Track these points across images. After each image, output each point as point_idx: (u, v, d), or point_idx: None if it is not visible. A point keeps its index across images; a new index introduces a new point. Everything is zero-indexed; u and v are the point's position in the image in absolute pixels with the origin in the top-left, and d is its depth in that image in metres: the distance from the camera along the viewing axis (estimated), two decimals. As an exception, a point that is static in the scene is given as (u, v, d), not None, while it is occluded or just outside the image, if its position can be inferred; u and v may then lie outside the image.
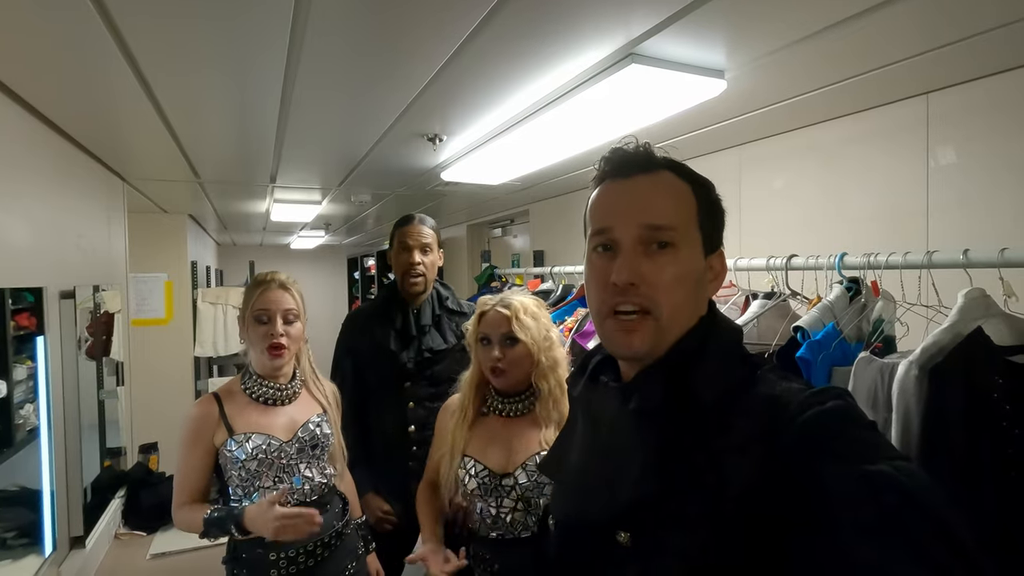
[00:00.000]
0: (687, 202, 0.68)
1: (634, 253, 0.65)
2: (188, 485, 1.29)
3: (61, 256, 1.78)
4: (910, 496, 0.47)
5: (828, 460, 0.50)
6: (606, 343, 0.70)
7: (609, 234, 0.67)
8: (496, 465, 1.26)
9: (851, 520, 0.47)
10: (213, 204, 3.48)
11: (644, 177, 0.68)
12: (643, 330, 0.65)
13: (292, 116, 1.65)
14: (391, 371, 1.77)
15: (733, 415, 0.59)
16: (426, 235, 1.82)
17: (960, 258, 1.08)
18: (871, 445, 0.52)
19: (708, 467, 0.57)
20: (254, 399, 1.36)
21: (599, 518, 0.64)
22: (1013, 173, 1.32)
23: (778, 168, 1.91)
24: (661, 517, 0.59)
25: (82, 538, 1.74)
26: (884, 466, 0.49)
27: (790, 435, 0.53)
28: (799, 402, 0.55)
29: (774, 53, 1.23)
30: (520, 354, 1.27)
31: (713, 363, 0.64)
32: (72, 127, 1.78)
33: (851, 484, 0.48)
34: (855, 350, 1.18)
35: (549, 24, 1.10)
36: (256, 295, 1.36)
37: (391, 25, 1.10)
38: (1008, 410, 0.95)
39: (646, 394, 0.65)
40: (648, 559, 0.59)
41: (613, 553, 0.62)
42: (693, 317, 0.67)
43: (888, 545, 0.45)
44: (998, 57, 1.27)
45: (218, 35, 1.13)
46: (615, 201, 0.69)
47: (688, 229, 0.67)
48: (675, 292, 0.65)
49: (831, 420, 0.53)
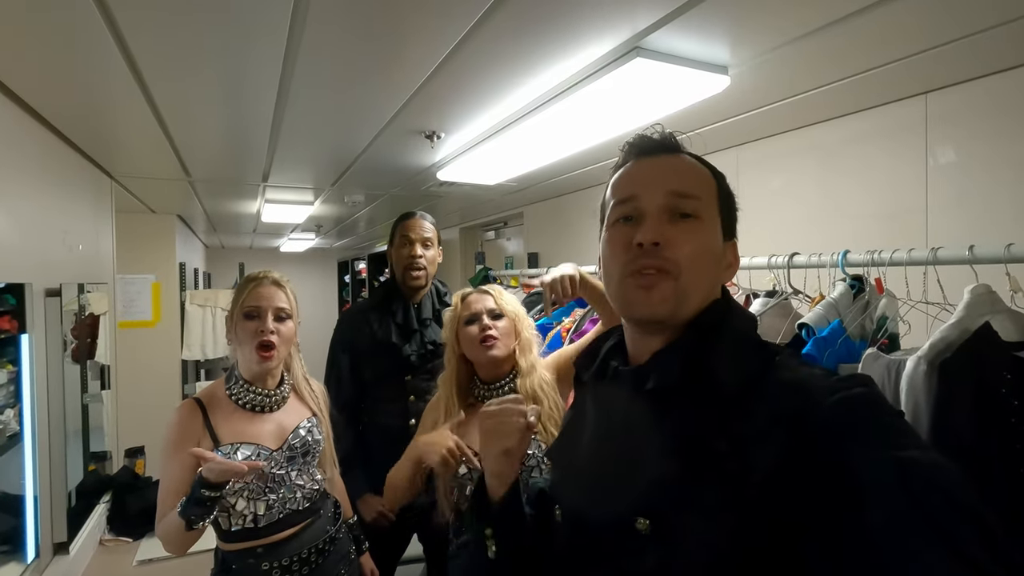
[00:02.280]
0: (709, 184, 0.70)
1: (659, 219, 0.65)
2: (172, 496, 1.18)
3: (46, 253, 1.73)
4: (940, 483, 0.47)
5: (858, 444, 0.50)
6: (623, 305, 0.68)
7: (635, 202, 0.67)
8: None
9: (880, 505, 0.46)
10: (203, 204, 3.42)
11: (669, 157, 0.70)
12: (663, 288, 0.64)
13: (288, 111, 1.62)
14: (392, 365, 1.75)
15: (754, 398, 0.58)
16: (427, 230, 1.82)
17: (966, 254, 1.08)
18: (900, 432, 0.51)
19: (730, 451, 0.56)
20: (240, 406, 1.28)
21: (616, 505, 0.62)
22: (1012, 171, 1.33)
23: (778, 168, 1.92)
24: (682, 503, 0.57)
25: (66, 544, 1.69)
26: (915, 452, 0.48)
27: (817, 419, 0.52)
28: (826, 387, 0.54)
29: (777, 49, 1.23)
30: (506, 327, 1.34)
31: (731, 345, 0.63)
32: (59, 120, 1.74)
33: (881, 469, 0.48)
34: (860, 347, 1.17)
35: (555, 17, 1.09)
36: (247, 291, 1.29)
37: (392, 16, 1.08)
38: (1016, 406, 0.94)
39: (663, 374, 0.63)
40: (668, 546, 0.57)
41: (630, 541, 0.60)
42: (710, 294, 0.67)
43: (917, 531, 0.45)
44: (998, 56, 1.27)
45: (216, 26, 1.11)
46: (640, 173, 0.70)
47: (710, 207, 0.68)
48: (696, 260, 0.64)
49: (860, 406, 0.52)
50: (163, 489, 1.21)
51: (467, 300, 1.38)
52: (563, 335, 1.99)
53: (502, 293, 1.40)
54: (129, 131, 1.85)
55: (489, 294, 1.38)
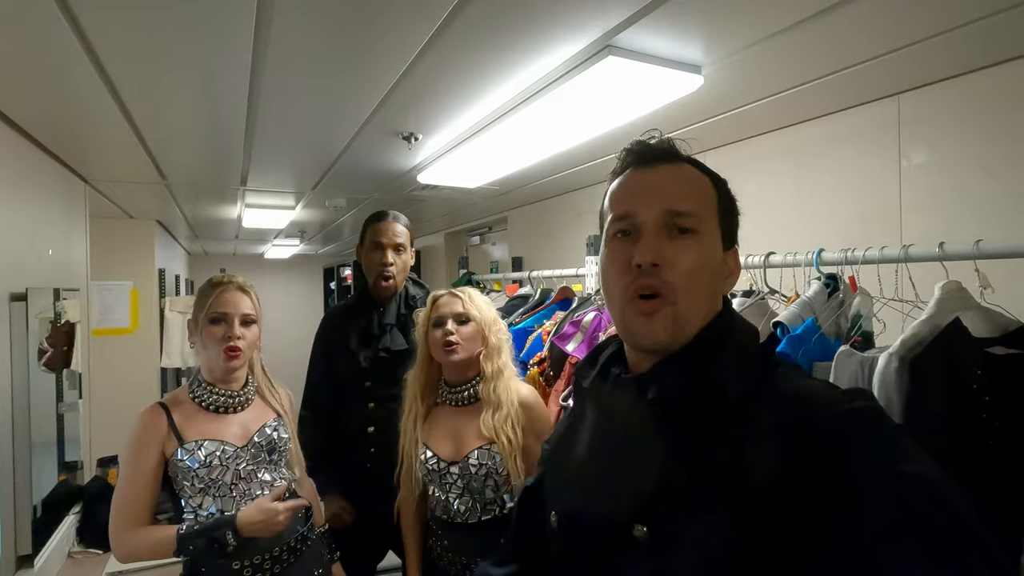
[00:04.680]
0: (708, 194, 0.69)
1: (657, 236, 0.65)
2: (136, 503, 1.17)
3: (12, 257, 1.69)
4: (939, 497, 0.47)
5: (858, 457, 0.50)
6: (626, 332, 0.68)
7: (632, 219, 0.67)
8: (446, 454, 1.32)
9: (879, 517, 0.47)
10: (182, 209, 3.38)
11: (667, 167, 0.69)
12: (663, 315, 0.63)
13: (261, 110, 1.60)
14: (354, 370, 1.73)
15: (755, 409, 0.58)
16: (399, 234, 1.78)
17: (936, 251, 1.08)
18: (901, 446, 0.52)
19: (730, 460, 0.56)
20: (204, 407, 1.28)
21: (614, 512, 0.62)
22: (984, 170, 1.34)
23: (755, 170, 1.92)
24: (680, 510, 0.58)
25: (30, 557, 1.63)
26: (914, 466, 0.49)
27: (818, 431, 0.53)
28: (828, 399, 0.56)
29: (749, 48, 1.23)
30: (472, 332, 1.35)
31: (733, 355, 0.63)
32: (29, 123, 1.70)
33: (881, 481, 0.48)
34: (835, 345, 1.17)
35: (524, 14, 1.09)
36: (213, 296, 1.29)
37: (360, 11, 1.07)
38: (987, 401, 0.94)
39: (665, 384, 0.63)
40: (666, 553, 0.57)
41: (628, 548, 0.60)
42: (710, 310, 0.67)
43: (916, 544, 0.45)
44: (968, 56, 1.29)
45: (181, 24, 1.09)
46: (638, 187, 0.69)
47: (709, 219, 0.67)
48: (695, 278, 0.64)
49: (862, 419, 0.53)
50: (124, 494, 1.18)
51: (437, 303, 1.40)
52: (544, 337, 1.98)
53: (473, 297, 1.40)
54: (100, 134, 1.82)
55: (459, 297, 1.38)
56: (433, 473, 1.32)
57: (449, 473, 1.30)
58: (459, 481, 1.29)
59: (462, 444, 1.32)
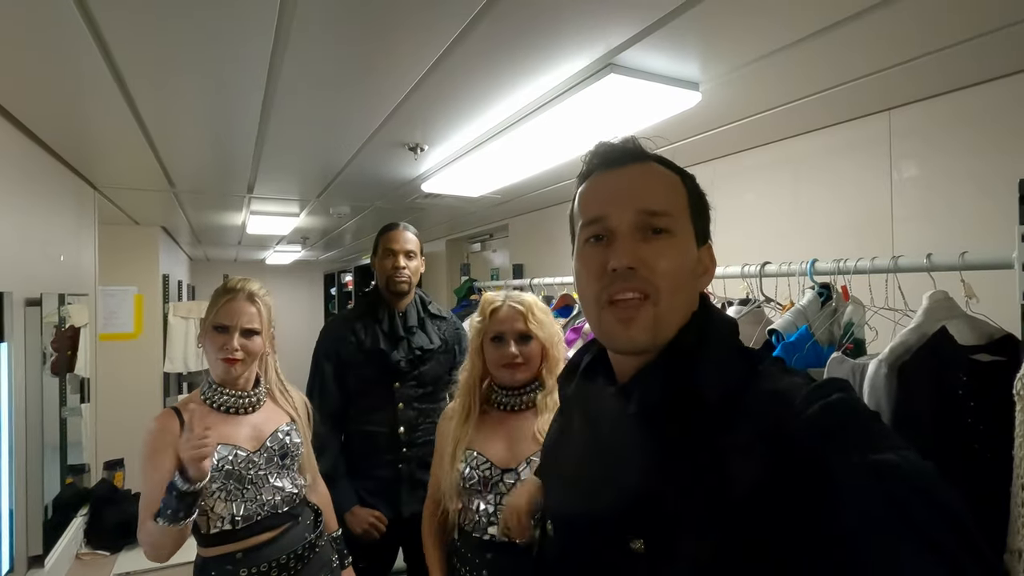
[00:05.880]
0: (679, 191, 0.68)
1: (631, 239, 0.63)
2: (153, 504, 1.18)
3: (26, 262, 1.72)
4: (917, 485, 0.47)
5: (834, 450, 0.50)
6: (604, 336, 0.68)
7: (604, 223, 0.65)
8: (498, 459, 1.23)
9: (860, 510, 0.47)
10: (187, 216, 3.42)
11: (635, 166, 0.68)
12: (642, 318, 0.62)
13: (273, 122, 1.64)
14: (379, 372, 1.76)
15: (737, 412, 0.58)
16: (410, 241, 1.85)
17: (924, 262, 1.13)
18: (877, 435, 0.51)
19: (714, 467, 0.56)
20: (215, 408, 1.31)
21: (608, 525, 0.63)
22: (973, 183, 1.39)
23: (752, 180, 1.97)
24: (673, 521, 0.58)
25: (41, 557, 1.66)
26: (891, 455, 0.48)
27: (796, 430, 0.53)
28: (803, 396, 0.55)
29: (746, 66, 1.28)
30: (535, 350, 1.27)
31: (713, 359, 0.62)
32: (42, 129, 1.74)
33: (858, 474, 0.48)
34: (827, 352, 1.21)
35: (531, 34, 1.13)
36: (220, 304, 1.31)
37: (375, 31, 1.12)
38: (973, 407, 0.98)
39: (645, 395, 0.63)
40: (663, 563, 0.58)
41: (625, 559, 0.60)
42: (688, 310, 0.66)
43: (897, 534, 0.45)
44: (961, 73, 1.33)
45: (201, 34, 1.13)
46: (608, 190, 0.68)
47: (682, 218, 0.66)
48: (673, 278, 0.63)
49: (837, 413, 0.53)
50: (145, 497, 1.21)
51: (496, 315, 1.28)
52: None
53: (535, 311, 1.28)
54: (112, 141, 1.86)
55: (521, 313, 1.26)
56: (482, 481, 1.20)
57: (503, 482, 1.19)
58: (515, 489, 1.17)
59: (517, 450, 1.22)
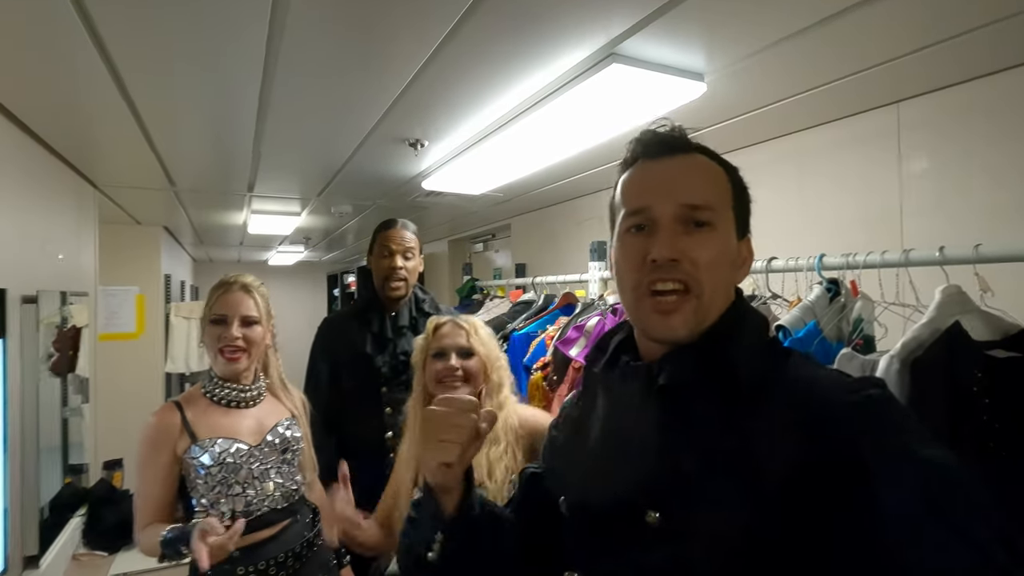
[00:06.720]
0: (722, 184, 0.68)
1: (673, 231, 0.64)
2: (152, 501, 1.20)
3: (24, 260, 1.71)
4: (956, 481, 0.48)
5: (873, 440, 0.51)
6: (642, 325, 0.68)
7: (647, 213, 0.65)
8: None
9: (898, 500, 0.47)
10: (189, 215, 3.41)
11: (680, 158, 0.68)
12: (683, 310, 0.63)
13: (271, 117, 1.62)
14: (367, 376, 1.73)
15: (768, 395, 0.58)
16: (408, 240, 1.80)
17: (936, 255, 1.09)
18: (915, 431, 0.52)
19: (745, 446, 0.56)
20: (216, 402, 1.30)
21: (625, 498, 0.62)
22: (985, 175, 1.36)
23: (759, 175, 1.91)
24: (694, 497, 0.57)
25: (36, 558, 1.64)
26: (929, 451, 0.50)
27: (834, 417, 0.53)
28: (842, 386, 0.56)
29: (751, 56, 1.25)
30: (476, 366, 1.26)
31: (748, 342, 0.63)
32: (41, 127, 1.73)
33: (897, 464, 0.49)
34: (836, 349, 1.18)
35: (529, 23, 1.11)
36: (216, 297, 1.32)
37: (370, 22, 1.10)
38: (987, 404, 0.95)
39: (676, 371, 0.63)
40: (678, 540, 0.57)
41: (640, 534, 0.59)
42: (725, 302, 0.66)
43: (934, 525, 0.46)
44: (975, 61, 1.29)
45: (195, 25, 1.11)
46: (651, 180, 0.68)
47: (724, 210, 0.66)
48: (715, 271, 0.63)
49: (877, 405, 0.53)
50: (141, 493, 1.21)
51: (439, 332, 1.29)
52: (547, 342, 1.99)
53: (477, 329, 1.30)
54: (111, 137, 1.84)
55: (463, 329, 1.28)
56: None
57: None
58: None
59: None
